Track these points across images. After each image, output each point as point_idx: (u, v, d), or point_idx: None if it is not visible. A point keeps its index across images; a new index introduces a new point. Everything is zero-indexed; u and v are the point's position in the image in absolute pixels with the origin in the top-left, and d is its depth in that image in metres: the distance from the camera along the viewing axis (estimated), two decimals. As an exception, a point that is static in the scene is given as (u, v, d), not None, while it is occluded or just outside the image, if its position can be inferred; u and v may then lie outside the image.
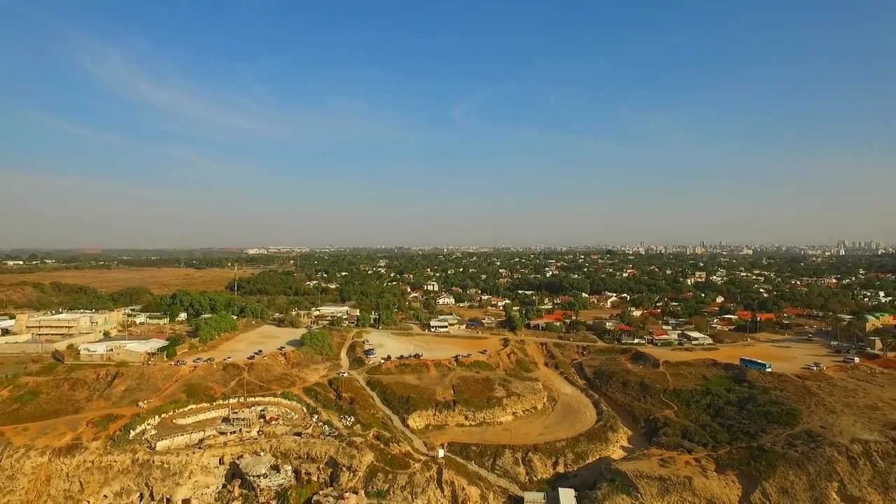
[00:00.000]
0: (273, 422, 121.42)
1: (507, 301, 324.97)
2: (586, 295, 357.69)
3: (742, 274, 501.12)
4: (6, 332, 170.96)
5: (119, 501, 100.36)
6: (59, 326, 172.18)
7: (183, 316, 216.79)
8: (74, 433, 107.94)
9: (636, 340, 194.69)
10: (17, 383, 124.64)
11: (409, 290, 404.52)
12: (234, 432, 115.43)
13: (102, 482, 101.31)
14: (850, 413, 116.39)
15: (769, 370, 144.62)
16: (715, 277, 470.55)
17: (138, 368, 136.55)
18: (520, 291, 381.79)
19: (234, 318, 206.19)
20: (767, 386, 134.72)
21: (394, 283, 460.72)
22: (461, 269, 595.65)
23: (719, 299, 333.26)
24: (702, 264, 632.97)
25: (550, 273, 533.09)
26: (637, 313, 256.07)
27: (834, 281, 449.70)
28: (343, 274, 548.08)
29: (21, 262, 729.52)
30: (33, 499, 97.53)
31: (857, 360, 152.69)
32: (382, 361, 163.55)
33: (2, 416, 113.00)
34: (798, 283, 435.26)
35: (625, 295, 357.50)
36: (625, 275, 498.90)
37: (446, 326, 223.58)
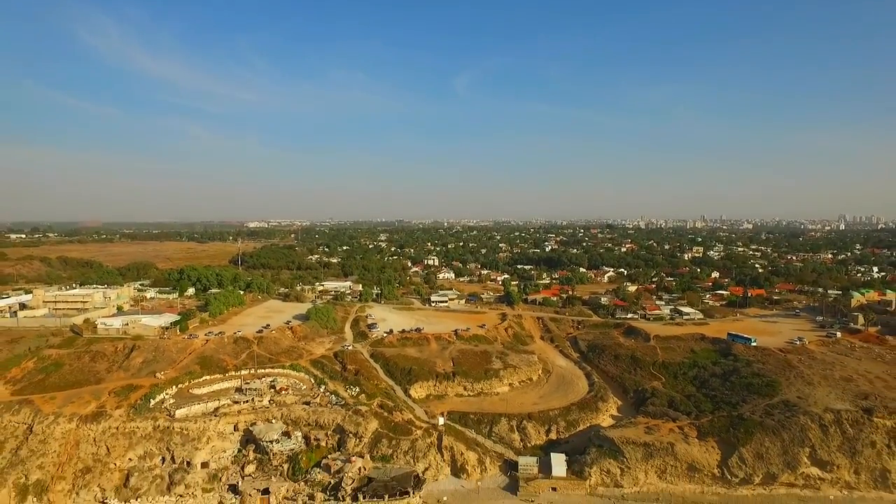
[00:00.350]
0: (283, 392, 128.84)
1: (506, 276, 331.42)
2: (584, 270, 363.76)
3: (739, 249, 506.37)
4: (23, 306, 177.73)
5: (143, 464, 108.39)
6: (74, 301, 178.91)
7: (191, 291, 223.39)
8: (98, 402, 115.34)
9: (630, 315, 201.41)
10: (40, 355, 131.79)
11: (409, 264, 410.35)
12: (247, 401, 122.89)
13: (127, 447, 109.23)
14: (826, 385, 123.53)
15: (754, 344, 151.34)
16: (712, 252, 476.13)
17: (154, 342, 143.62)
18: (519, 266, 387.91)
19: (241, 292, 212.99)
20: (751, 359, 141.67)
21: (394, 257, 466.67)
22: (461, 244, 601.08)
23: (715, 274, 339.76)
24: (700, 239, 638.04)
25: (550, 248, 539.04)
26: (632, 288, 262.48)
27: (830, 256, 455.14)
28: (344, 248, 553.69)
29: (24, 236, 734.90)
30: (65, 461, 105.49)
31: (838, 334, 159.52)
32: (385, 335, 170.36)
33: (30, 386, 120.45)
34: (794, 258, 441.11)
35: (622, 270, 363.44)
36: (623, 250, 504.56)
37: (446, 301, 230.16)
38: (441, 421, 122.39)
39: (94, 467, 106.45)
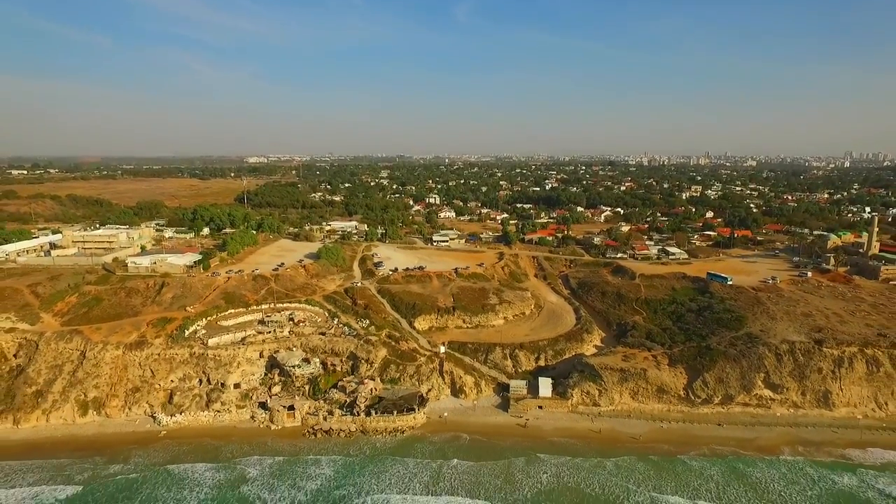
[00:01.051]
0: (301, 324, 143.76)
1: (506, 215, 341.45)
2: (582, 209, 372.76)
3: (737, 189, 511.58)
4: (53, 245, 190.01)
5: (184, 385, 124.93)
6: (101, 241, 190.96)
7: (206, 231, 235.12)
8: (139, 332, 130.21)
9: (619, 255, 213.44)
10: (81, 291, 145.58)
11: (411, 202, 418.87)
12: (270, 332, 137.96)
13: (168, 370, 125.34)
14: (787, 319, 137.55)
15: (730, 283, 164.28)
16: (710, 192, 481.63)
17: (181, 279, 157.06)
18: (518, 205, 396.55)
19: (254, 232, 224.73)
20: (725, 296, 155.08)
21: (396, 195, 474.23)
22: (462, 181, 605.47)
23: (709, 214, 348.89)
24: (700, 178, 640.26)
25: (550, 186, 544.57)
26: (626, 228, 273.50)
27: (826, 196, 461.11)
28: (346, 185, 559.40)
29: (25, 172, 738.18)
30: (116, 382, 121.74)
31: (809, 274, 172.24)
32: (391, 273, 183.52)
33: (76, 318, 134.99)
34: (790, 197, 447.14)
35: (619, 209, 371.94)
36: (622, 188, 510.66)
37: (447, 241, 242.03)
38: (442, 349, 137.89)
39: (142, 387, 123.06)
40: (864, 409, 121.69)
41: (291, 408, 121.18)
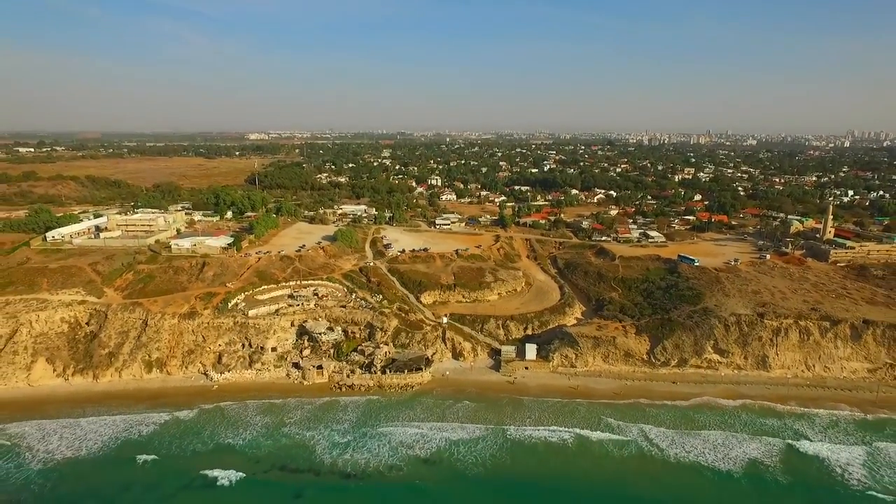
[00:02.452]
0: (324, 298, 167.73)
1: (504, 198, 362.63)
2: (576, 191, 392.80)
3: (728, 171, 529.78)
4: (98, 228, 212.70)
5: (230, 348, 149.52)
6: (142, 225, 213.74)
7: (229, 214, 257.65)
8: (189, 304, 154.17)
9: (604, 238, 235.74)
10: (135, 269, 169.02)
11: (413, 184, 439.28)
12: (299, 305, 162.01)
13: (216, 336, 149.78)
14: (739, 296, 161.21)
15: (697, 264, 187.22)
16: (702, 174, 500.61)
17: (218, 259, 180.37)
18: (516, 187, 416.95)
19: (275, 216, 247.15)
20: (689, 276, 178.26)
21: (399, 176, 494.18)
22: (463, 162, 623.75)
23: (698, 197, 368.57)
24: (694, 160, 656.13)
25: (548, 167, 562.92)
26: (614, 212, 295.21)
27: (813, 179, 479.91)
28: (350, 165, 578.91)
29: (32, 150, 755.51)
30: (174, 345, 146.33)
31: (768, 256, 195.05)
32: (399, 253, 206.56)
33: (134, 293, 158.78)
34: (778, 180, 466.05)
35: (612, 192, 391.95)
36: (618, 170, 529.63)
37: (449, 224, 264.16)
38: (445, 320, 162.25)
39: (196, 350, 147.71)
40: (795, 370, 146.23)
41: (320, 367, 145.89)
